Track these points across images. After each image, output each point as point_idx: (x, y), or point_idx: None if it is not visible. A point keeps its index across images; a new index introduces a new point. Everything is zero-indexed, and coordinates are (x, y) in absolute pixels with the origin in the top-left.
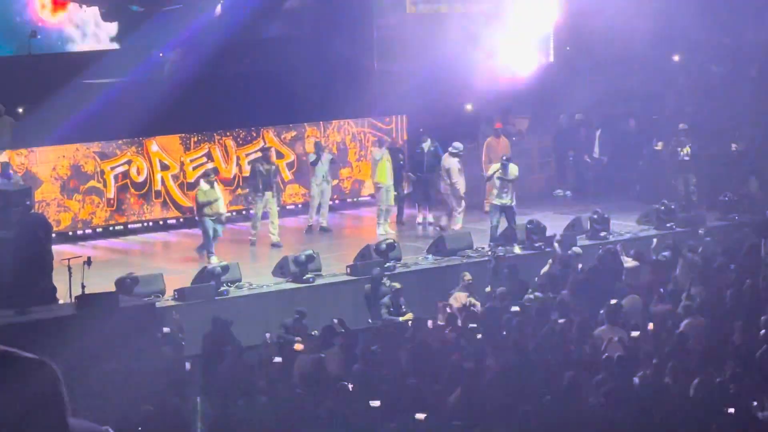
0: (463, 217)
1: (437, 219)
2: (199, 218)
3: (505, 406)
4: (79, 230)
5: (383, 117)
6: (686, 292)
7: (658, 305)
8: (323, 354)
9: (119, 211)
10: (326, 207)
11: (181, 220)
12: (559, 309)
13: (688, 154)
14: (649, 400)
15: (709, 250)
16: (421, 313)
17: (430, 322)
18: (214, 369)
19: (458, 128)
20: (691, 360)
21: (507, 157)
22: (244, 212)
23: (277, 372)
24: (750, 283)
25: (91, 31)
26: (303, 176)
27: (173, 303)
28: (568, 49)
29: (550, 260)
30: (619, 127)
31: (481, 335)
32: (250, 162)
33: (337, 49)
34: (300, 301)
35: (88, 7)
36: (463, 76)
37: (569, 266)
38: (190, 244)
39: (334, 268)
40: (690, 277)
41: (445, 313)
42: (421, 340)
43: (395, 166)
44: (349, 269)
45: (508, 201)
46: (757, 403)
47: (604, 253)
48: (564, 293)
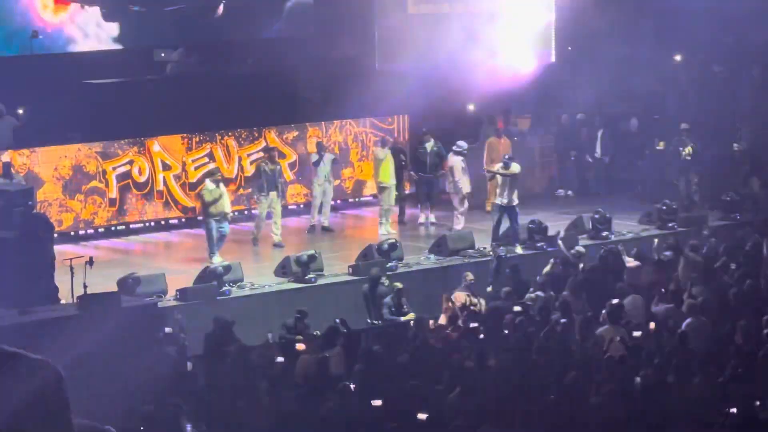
0: (465, 218)
1: (439, 219)
2: (203, 218)
3: (507, 406)
4: (81, 230)
5: (385, 117)
6: (688, 292)
7: (659, 305)
8: (327, 354)
9: (121, 211)
10: (328, 207)
11: (183, 220)
12: (560, 309)
13: (690, 153)
14: (651, 400)
15: (712, 250)
16: (422, 313)
17: (431, 321)
18: (216, 369)
19: (460, 128)
20: (692, 360)
21: (509, 157)
22: (246, 212)
23: (279, 372)
24: (752, 282)
25: (92, 31)
26: (305, 176)
27: (175, 303)
28: (570, 48)
29: (552, 259)
30: (621, 127)
31: (483, 335)
32: (256, 162)
33: (339, 49)
34: (302, 301)
35: (90, 7)
36: (465, 76)
37: (572, 265)
38: (192, 244)
39: (336, 268)
40: (691, 276)
41: (448, 306)
42: (423, 340)
43: (397, 166)
44: (350, 269)
45: (511, 201)
46: (760, 404)
47: (606, 252)
48: (565, 293)
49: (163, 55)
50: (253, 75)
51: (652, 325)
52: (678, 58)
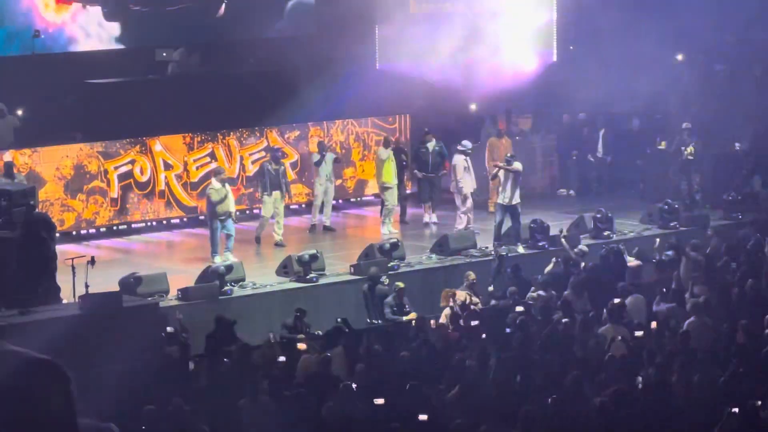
0: (468, 217)
1: (441, 218)
2: (208, 218)
3: (508, 405)
4: (83, 230)
5: (386, 116)
6: (689, 291)
7: (660, 304)
8: (329, 354)
9: (123, 211)
10: (329, 206)
11: (185, 219)
12: (562, 308)
13: (692, 153)
14: (653, 399)
15: (714, 250)
16: (424, 313)
17: (432, 321)
18: (218, 369)
19: (462, 128)
20: (694, 359)
21: (511, 155)
22: (247, 211)
23: (281, 371)
24: (754, 282)
25: (94, 31)
26: (307, 176)
27: (177, 302)
28: (571, 48)
29: (554, 259)
30: (623, 127)
31: (484, 334)
32: (258, 162)
33: (340, 49)
34: (303, 301)
35: (91, 7)
36: (467, 75)
37: (574, 265)
38: (194, 243)
39: (338, 268)
40: (693, 276)
41: (448, 301)
42: (425, 340)
43: (398, 166)
44: (352, 269)
45: (513, 200)
46: (762, 403)
47: (607, 252)
48: (567, 292)
49: (164, 54)
50: (255, 74)
51: (654, 325)
52: (680, 57)
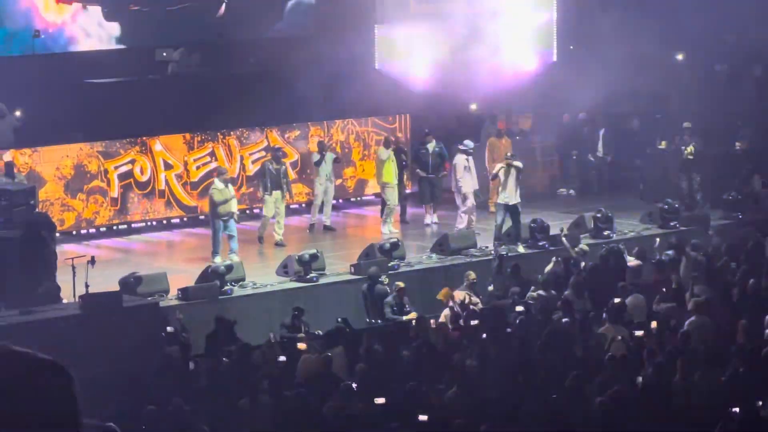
0: (469, 217)
1: (442, 218)
2: (211, 217)
3: (509, 405)
4: (83, 230)
5: (386, 116)
6: (690, 291)
7: (660, 304)
8: (329, 353)
9: (123, 211)
10: (329, 206)
11: (185, 219)
12: (562, 308)
13: (692, 152)
14: (653, 399)
15: (715, 249)
16: (424, 313)
17: (433, 321)
18: (218, 368)
19: (462, 128)
20: (694, 359)
21: (512, 154)
22: (248, 211)
23: (281, 371)
24: (754, 281)
25: (94, 31)
26: (307, 175)
27: (177, 302)
28: (571, 48)
29: (554, 258)
30: (623, 126)
31: (485, 334)
32: (258, 162)
33: (340, 48)
34: (304, 301)
35: (91, 6)
36: (467, 75)
37: (574, 264)
38: (194, 243)
39: (338, 267)
40: (693, 276)
41: (448, 300)
42: (425, 340)
43: (398, 166)
44: (352, 268)
45: (514, 199)
46: (762, 403)
47: (607, 252)
48: (567, 292)
49: (164, 54)
50: (255, 74)
51: (654, 324)
52: (680, 57)
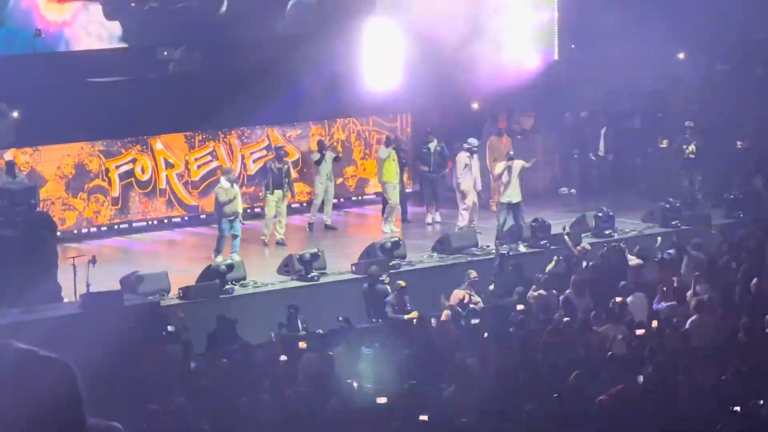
0: (470, 215)
1: (444, 218)
2: (217, 217)
3: (510, 404)
4: (84, 229)
5: (388, 115)
6: (692, 290)
7: (662, 303)
8: (331, 352)
9: (124, 210)
10: (330, 205)
11: (186, 218)
12: (563, 307)
13: (693, 151)
14: (654, 398)
15: (717, 249)
16: (426, 312)
17: (433, 320)
18: (219, 367)
19: (463, 126)
20: (695, 358)
21: (513, 153)
22: (248, 210)
23: (282, 370)
24: (756, 281)
25: (95, 29)
26: (308, 174)
27: (178, 301)
28: (573, 47)
29: (555, 257)
30: (625, 125)
31: (486, 333)
32: (260, 161)
33: (341, 46)
34: (305, 300)
35: (92, 5)
36: (469, 73)
37: (577, 263)
38: (195, 242)
39: (339, 267)
40: (695, 275)
41: (444, 307)
42: (426, 338)
43: (399, 164)
44: (353, 267)
45: (516, 198)
46: (763, 402)
47: (608, 251)
48: (568, 291)
49: (165, 53)
50: (256, 73)
51: (655, 323)
52: (681, 56)
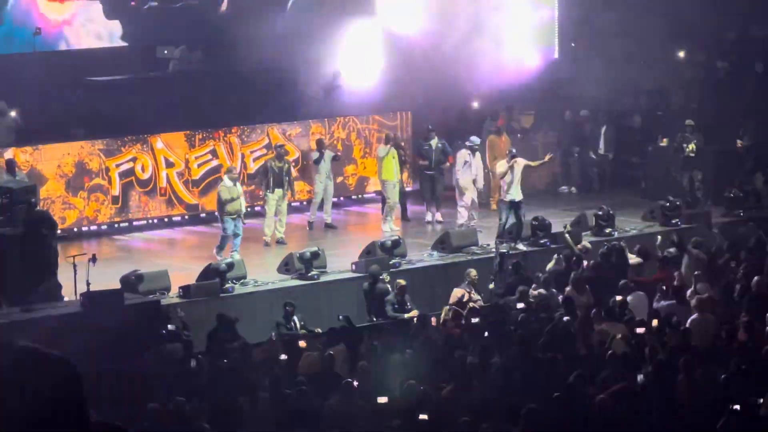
0: (468, 212)
1: (444, 216)
2: (219, 216)
3: (510, 403)
4: (84, 227)
5: (388, 113)
6: (692, 289)
7: (661, 302)
8: (331, 351)
9: (124, 209)
10: (330, 204)
11: (186, 217)
12: (564, 306)
13: (694, 150)
14: (654, 396)
15: (718, 247)
16: (426, 310)
17: (434, 318)
18: (219, 366)
19: (463, 125)
20: (695, 356)
21: (515, 151)
22: (248, 208)
23: (282, 369)
24: (757, 279)
25: (94, 28)
26: (308, 173)
27: (178, 300)
28: (573, 45)
29: (555, 256)
30: (625, 124)
31: (487, 332)
32: (260, 159)
33: (341, 45)
34: (305, 298)
35: (92, 4)
36: (469, 71)
37: (576, 262)
38: (195, 241)
39: (339, 265)
40: (696, 273)
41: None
42: (426, 337)
43: (399, 162)
44: (354, 266)
45: (518, 197)
46: (763, 400)
47: (608, 249)
48: (568, 290)
49: (165, 52)
50: (256, 71)
51: (655, 322)
52: (681, 54)
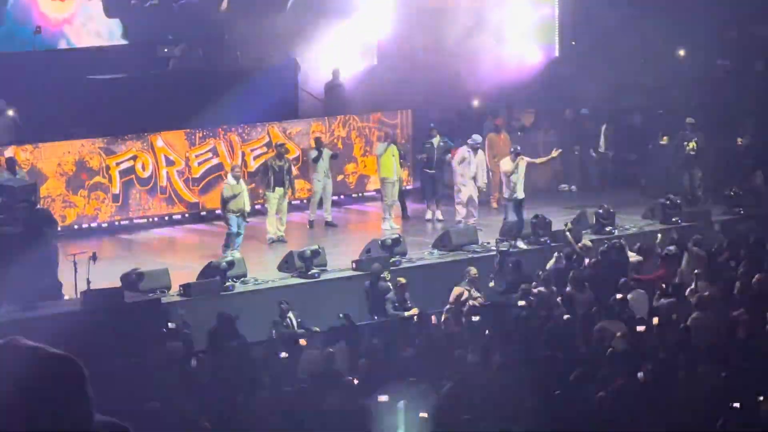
0: (466, 210)
1: (445, 215)
2: (223, 214)
3: (511, 401)
4: (85, 226)
5: (388, 111)
6: (693, 286)
7: (661, 300)
8: (331, 349)
9: (124, 207)
10: (329, 202)
11: (187, 215)
12: (564, 304)
13: (694, 148)
14: (654, 394)
15: (719, 245)
16: (426, 308)
17: (434, 317)
18: (219, 365)
19: (464, 123)
20: (696, 354)
21: (519, 149)
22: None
23: (282, 367)
24: (758, 276)
25: (95, 27)
26: (308, 171)
27: (178, 298)
28: (573, 43)
29: (556, 254)
30: (625, 122)
31: (487, 330)
32: (260, 158)
33: (341, 43)
34: (305, 297)
35: (92, 2)
36: (470, 70)
37: (576, 260)
38: (196, 239)
39: (340, 263)
40: (696, 272)
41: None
42: (427, 335)
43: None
44: (354, 264)
45: (521, 195)
46: (763, 398)
47: (608, 247)
48: (569, 288)
49: (166, 50)
50: (256, 70)
51: (656, 320)
52: (682, 52)
